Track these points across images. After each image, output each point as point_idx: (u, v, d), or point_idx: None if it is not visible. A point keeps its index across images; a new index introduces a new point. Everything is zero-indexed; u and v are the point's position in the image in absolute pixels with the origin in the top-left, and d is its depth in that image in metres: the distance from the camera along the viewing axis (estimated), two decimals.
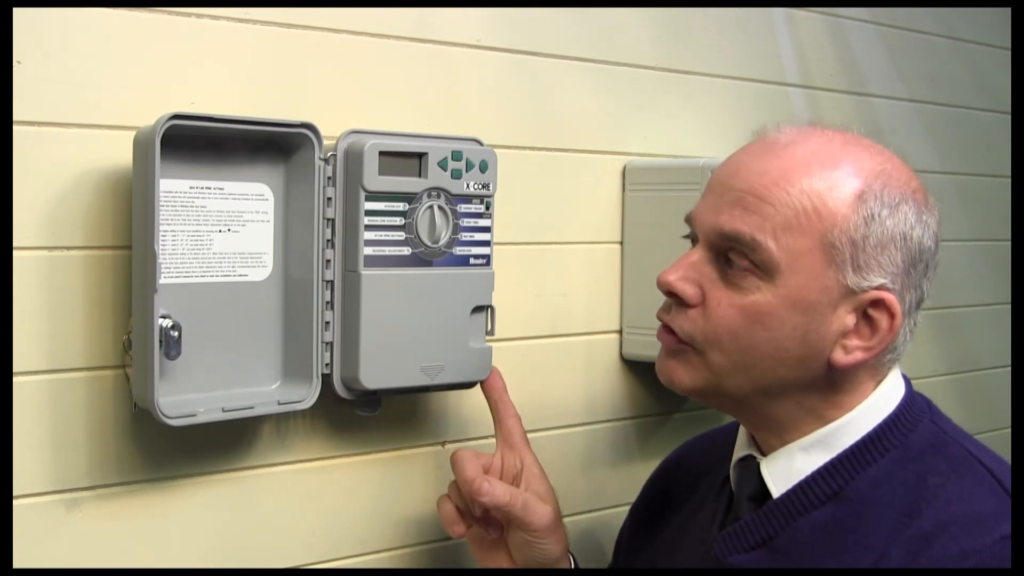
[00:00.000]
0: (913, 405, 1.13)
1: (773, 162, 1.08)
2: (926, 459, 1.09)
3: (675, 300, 1.11)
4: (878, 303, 1.07)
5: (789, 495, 1.11)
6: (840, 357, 1.08)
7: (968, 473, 1.08)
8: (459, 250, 1.31)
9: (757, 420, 1.14)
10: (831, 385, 1.10)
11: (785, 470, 1.12)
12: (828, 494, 1.09)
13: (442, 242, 1.30)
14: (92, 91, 1.14)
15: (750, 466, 1.15)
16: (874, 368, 1.11)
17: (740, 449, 1.19)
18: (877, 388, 1.12)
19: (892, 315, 1.07)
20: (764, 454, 1.15)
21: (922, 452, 1.10)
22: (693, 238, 1.14)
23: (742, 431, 1.20)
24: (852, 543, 1.06)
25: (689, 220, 1.14)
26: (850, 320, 1.07)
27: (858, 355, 1.08)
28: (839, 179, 1.07)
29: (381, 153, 1.24)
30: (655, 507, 1.35)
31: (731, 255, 1.07)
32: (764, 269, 1.06)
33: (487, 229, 1.34)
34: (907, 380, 1.15)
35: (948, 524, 1.02)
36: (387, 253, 1.26)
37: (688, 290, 1.09)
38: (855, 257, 1.06)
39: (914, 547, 1.02)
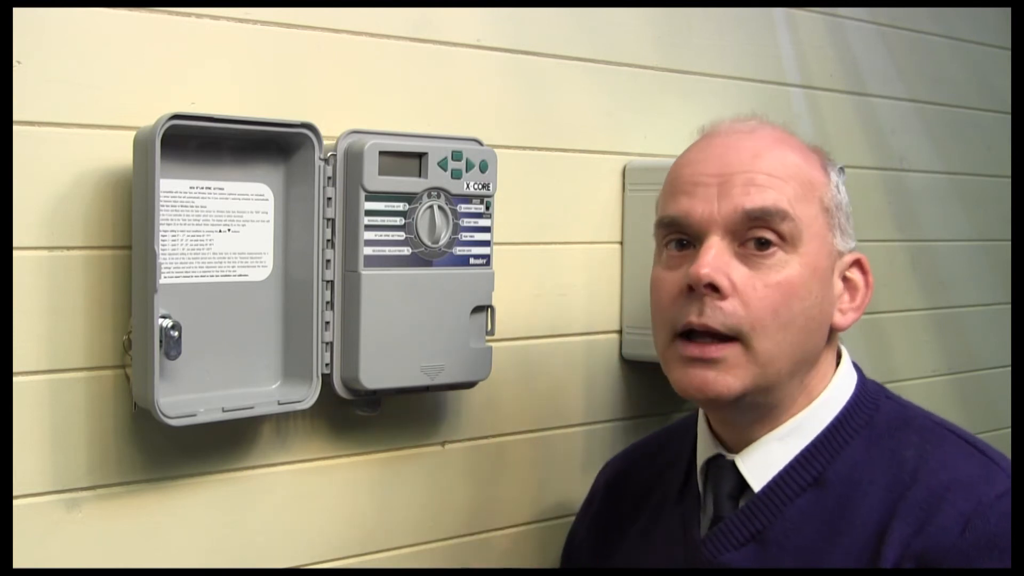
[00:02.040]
0: (868, 387, 1.17)
1: (755, 144, 1.12)
2: (896, 434, 1.12)
3: (709, 294, 1.08)
4: (854, 264, 1.15)
5: (771, 486, 1.11)
6: (839, 320, 1.14)
7: (942, 442, 1.11)
8: (459, 250, 1.31)
9: (762, 411, 1.13)
10: (820, 353, 1.14)
11: (762, 462, 1.13)
12: (809, 480, 1.11)
13: (442, 242, 1.30)
14: (92, 91, 1.14)
15: (724, 464, 1.16)
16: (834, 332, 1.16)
17: (705, 450, 1.19)
18: (837, 371, 1.16)
19: (864, 272, 1.15)
20: (732, 451, 1.15)
21: (890, 428, 1.13)
22: (681, 241, 1.13)
23: (702, 432, 1.20)
24: (844, 523, 1.07)
25: (675, 222, 1.12)
26: (839, 284, 1.14)
27: (851, 316, 1.15)
28: (806, 154, 1.14)
29: (381, 153, 1.25)
30: (607, 523, 1.34)
31: (752, 234, 1.08)
32: (790, 240, 1.09)
33: (487, 229, 1.34)
34: (856, 365, 1.19)
35: (942, 492, 1.05)
36: (387, 253, 1.26)
37: (723, 280, 1.08)
38: (840, 221, 1.14)
39: (913, 517, 1.04)
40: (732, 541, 1.12)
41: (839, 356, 1.18)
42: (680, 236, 1.13)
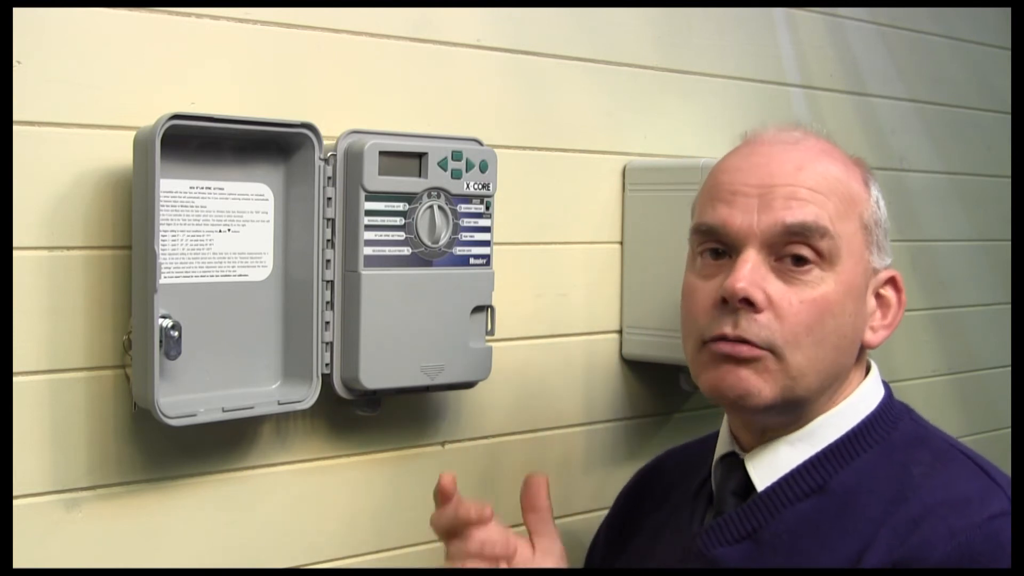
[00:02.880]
0: (893, 405, 1.16)
1: (799, 156, 1.11)
2: (909, 452, 1.11)
3: (744, 308, 1.07)
4: (888, 281, 1.14)
5: (774, 488, 1.11)
6: (870, 338, 1.13)
7: (952, 462, 1.10)
8: (459, 250, 1.31)
9: (786, 422, 1.12)
10: (850, 369, 1.13)
11: (770, 464, 1.13)
12: (813, 487, 1.10)
13: (442, 242, 1.30)
14: (92, 91, 1.14)
15: (734, 462, 1.16)
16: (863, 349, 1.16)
17: (721, 447, 1.19)
18: (862, 384, 1.15)
19: (898, 290, 1.14)
20: (746, 451, 1.15)
21: (905, 446, 1.12)
22: (717, 250, 1.11)
23: (723, 431, 1.20)
24: (838, 531, 1.07)
25: (712, 231, 1.11)
26: (872, 301, 1.13)
27: (882, 334, 1.14)
28: (849, 168, 1.13)
29: (381, 153, 1.25)
30: (628, 517, 1.34)
31: (790, 250, 1.08)
32: (828, 257, 1.08)
33: (487, 229, 1.34)
34: (886, 383, 1.18)
35: (935, 507, 1.04)
36: (387, 253, 1.26)
37: (759, 295, 1.07)
38: (878, 238, 1.13)
39: (903, 529, 1.04)
40: (727, 536, 1.12)
41: (868, 369, 1.17)
42: (716, 245, 1.11)
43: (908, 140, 2.01)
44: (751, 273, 1.07)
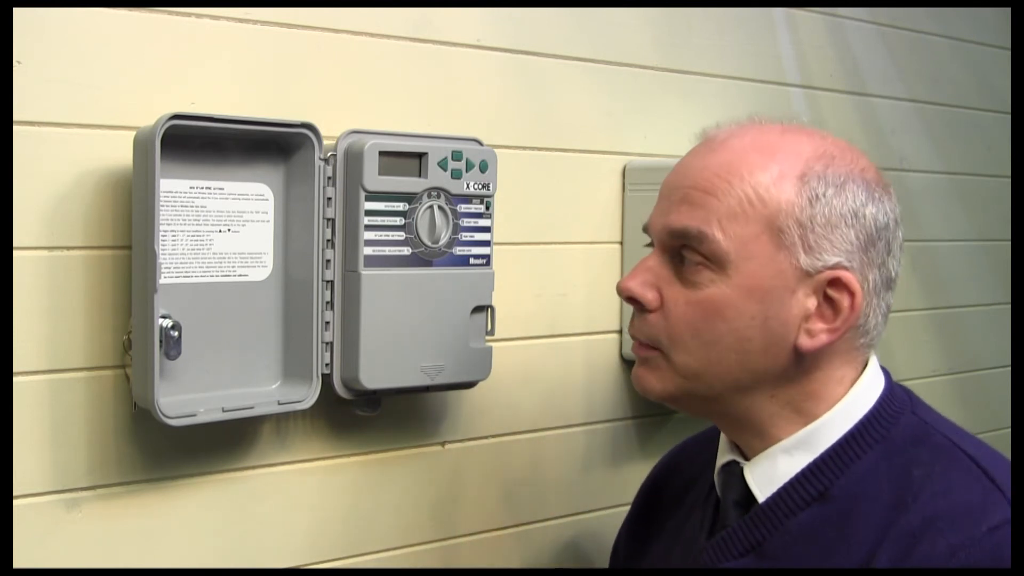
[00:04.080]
0: (894, 398, 1.13)
1: (714, 157, 1.10)
2: (909, 451, 1.09)
3: (636, 306, 1.11)
4: (835, 282, 1.07)
5: (774, 499, 1.10)
6: (805, 341, 1.07)
7: (952, 464, 1.07)
8: (459, 250, 1.31)
9: (735, 422, 1.13)
10: (803, 374, 1.09)
11: (768, 474, 1.11)
12: (813, 495, 1.09)
13: (442, 242, 1.30)
14: (92, 91, 1.14)
15: (734, 471, 1.15)
16: (847, 354, 1.10)
17: (723, 455, 1.18)
18: (857, 382, 1.12)
19: (852, 293, 1.07)
20: (747, 458, 1.14)
21: (905, 445, 1.09)
22: (653, 245, 1.14)
23: (723, 436, 1.19)
24: (840, 542, 1.06)
25: (646, 228, 1.14)
26: (811, 303, 1.07)
27: (823, 338, 1.07)
28: (778, 164, 1.08)
29: (381, 153, 1.25)
30: (648, 514, 1.34)
31: (684, 252, 1.08)
32: (715, 260, 1.07)
33: (487, 229, 1.34)
34: (887, 372, 1.15)
35: (935, 519, 1.02)
36: (387, 253, 1.26)
37: (647, 294, 1.09)
38: (804, 238, 1.06)
39: (903, 543, 1.02)
40: (731, 551, 1.11)
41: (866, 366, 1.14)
42: (650, 245, 1.14)
43: (908, 140, 2.01)
44: (644, 273, 1.10)
